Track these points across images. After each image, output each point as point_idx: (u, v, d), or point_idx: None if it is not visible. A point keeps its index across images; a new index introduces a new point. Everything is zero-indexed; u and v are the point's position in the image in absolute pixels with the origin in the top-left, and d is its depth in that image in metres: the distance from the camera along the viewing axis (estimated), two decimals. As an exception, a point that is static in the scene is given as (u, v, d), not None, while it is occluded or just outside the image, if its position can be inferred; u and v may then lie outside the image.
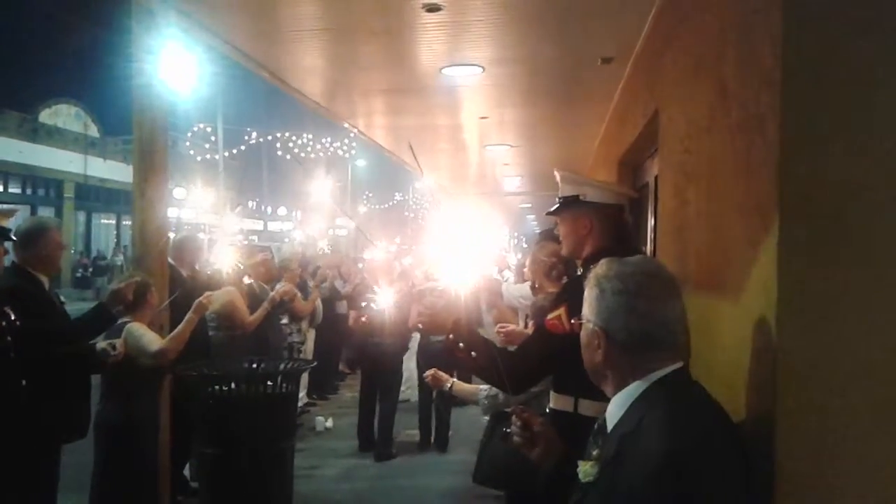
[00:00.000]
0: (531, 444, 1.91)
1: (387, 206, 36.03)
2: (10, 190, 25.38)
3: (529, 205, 16.73)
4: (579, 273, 2.75)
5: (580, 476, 1.63)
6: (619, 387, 1.64)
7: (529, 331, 3.89)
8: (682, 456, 1.42)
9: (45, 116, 26.71)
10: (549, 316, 2.54)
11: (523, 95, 5.69)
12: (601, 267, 1.70)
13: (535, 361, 2.60)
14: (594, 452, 1.65)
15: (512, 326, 4.22)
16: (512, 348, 4.31)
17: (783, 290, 1.58)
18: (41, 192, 27.16)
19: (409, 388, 8.34)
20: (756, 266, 1.76)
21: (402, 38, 4.10)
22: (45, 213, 25.40)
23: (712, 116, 2.30)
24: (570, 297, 2.49)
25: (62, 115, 27.50)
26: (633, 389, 1.61)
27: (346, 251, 13.37)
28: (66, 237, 25.77)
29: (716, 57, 2.28)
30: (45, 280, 4.21)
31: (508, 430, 2.00)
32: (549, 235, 5.45)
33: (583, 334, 1.72)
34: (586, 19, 3.86)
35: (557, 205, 2.76)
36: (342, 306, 9.38)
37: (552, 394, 2.68)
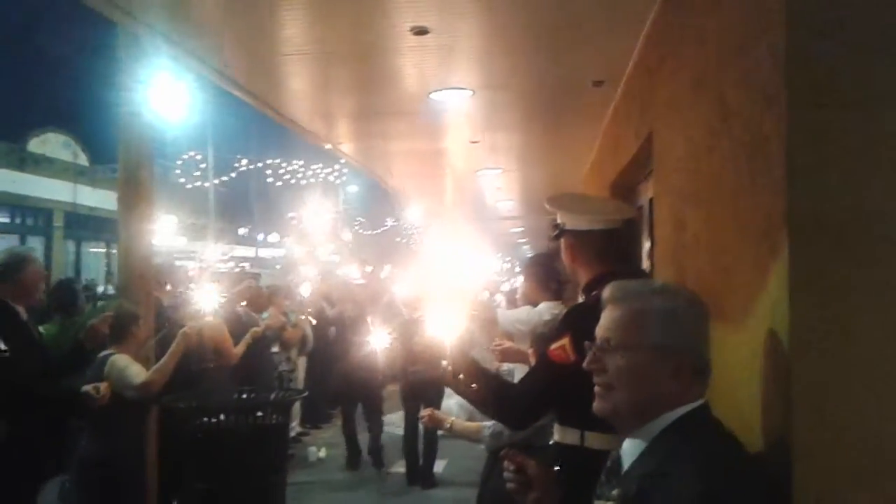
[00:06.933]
0: (527, 489, 1.81)
1: (378, 231, 35.99)
2: (-1, 219, 25.23)
3: (522, 228, 16.67)
4: (581, 300, 2.66)
5: None
6: (651, 419, 1.51)
7: (528, 350, 3.80)
8: (717, 497, 1.33)
9: (34, 145, 26.64)
10: (553, 346, 2.44)
11: (514, 119, 5.65)
12: (656, 286, 1.63)
13: (540, 393, 2.49)
14: (613, 492, 1.53)
15: (508, 343, 4.13)
16: (507, 366, 4.25)
17: (795, 315, 1.50)
18: (30, 221, 27.00)
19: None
20: (763, 291, 1.68)
21: (389, 61, 4.05)
22: (35, 241, 25.21)
23: (711, 138, 2.23)
24: (574, 325, 2.40)
25: (51, 143, 27.42)
26: (654, 425, 1.50)
27: (337, 277, 13.28)
28: (57, 266, 25.59)
29: (714, 77, 2.22)
30: (22, 311, 4.10)
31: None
32: (540, 260, 5.38)
33: (638, 361, 1.52)
34: (576, 42, 3.82)
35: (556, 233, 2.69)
36: (333, 332, 9.25)
37: (556, 426, 2.57)
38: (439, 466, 7.40)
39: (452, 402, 8.23)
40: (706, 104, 2.31)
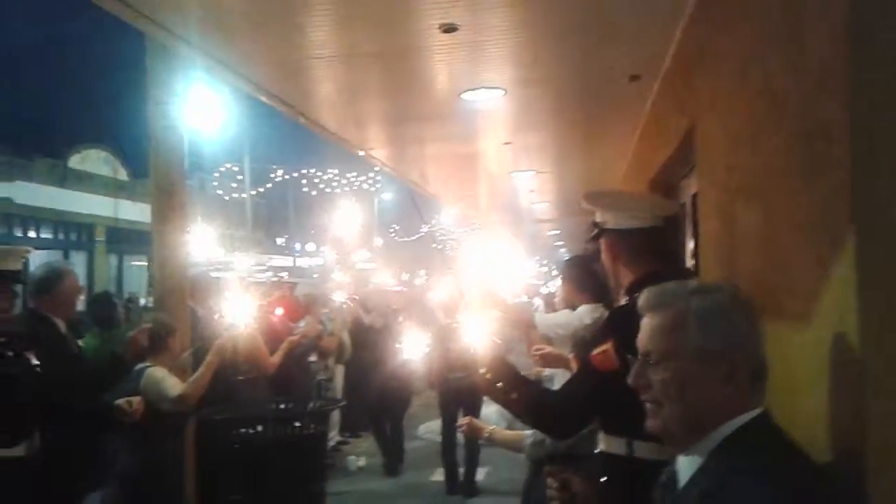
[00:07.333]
0: None
1: (413, 238, 36.01)
2: (42, 235, 25.72)
3: (558, 231, 16.45)
4: (624, 302, 2.53)
5: None
6: (706, 433, 1.38)
7: (568, 355, 3.68)
8: None
9: (75, 162, 27.16)
10: (595, 351, 2.31)
11: (548, 118, 5.52)
12: (692, 285, 1.49)
13: (583, 401, 2.37)
14: None
15: (548, 348, 4.01)
16: (547, 371, 4.13)
17: (865, 313, 1.36)
18: (73, 236, 27.53)
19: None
20: (827, 288, 1.54)
21: (418, 61, 3.94)
22: (78, 256, 25.72)
23: (760, 127, 2.10)
24: (617, 329, 2.28)
25: (91, 159, 27.94)
26: (711, 439, 1.38)
27: (373, 284, 13.27)
28: (99, 280, 26.04)
29: (760, 64, 2.09)
30: (61, 324, 4.12)
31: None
32: (578, 262, 5.25)
33: (681, 370, 1.39)
34: (611, 35, 3.69)
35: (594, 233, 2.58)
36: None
37: (602, 436, 2.45)
38: (480, 475, 7.26)
39: (492, 410, 8.16)
40: (753, 92, 2.18)
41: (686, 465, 1.42)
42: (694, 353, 1.38)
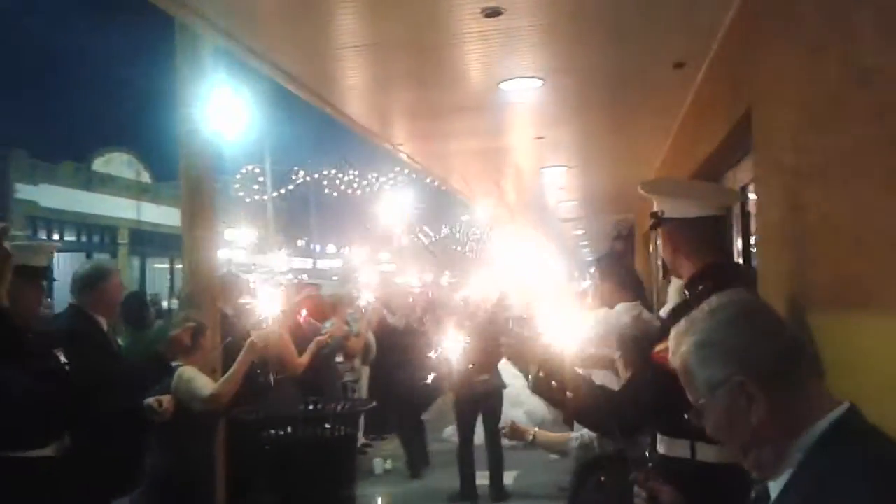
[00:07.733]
0: None
1: (436, 238, 35.89)
2: (66, 237, 25.92)
3: (583, 230, 16.20)
4: (686, 296, 2.40)
5: None
6: (785, 451, 1.29)
7: (614, 356, 3.55)
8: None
9: (99, 165, 27.38)
10: (657, 349, 2.19)
11: (584, 110, 5.34)
12: (685, 325, 1.41)
13: (647, 400, 2.25)
14: None
15: (590, 350, 3.88)
16: (583, 373, 3.98)
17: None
18: (96, 238, 27.75)
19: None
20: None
21: (457, 49, 3.78)
22: (101, 259, 25.91)
23: (841, 104, 1.95)
24: None
25: (115, 162, 28.18)
26: (796, 449, 1.29)
27: (396, 285, 13.20)
28: (123, 282, 26.23)
29: (838, 35, 1.94)
30: (103, 322, 4.08)
31: (604, 480, 1.71)
32: (617, 261, 5.12)
33: (716, 412, 1.35)
34: (657, 19, 3.53)
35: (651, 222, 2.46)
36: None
37: (662, 438, 2.32)
38: (509, 478, 7.10)
39: (520, 413, 8.02)
40: (830, 65, 2.03)
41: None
42: (707, 391, 1.36)
